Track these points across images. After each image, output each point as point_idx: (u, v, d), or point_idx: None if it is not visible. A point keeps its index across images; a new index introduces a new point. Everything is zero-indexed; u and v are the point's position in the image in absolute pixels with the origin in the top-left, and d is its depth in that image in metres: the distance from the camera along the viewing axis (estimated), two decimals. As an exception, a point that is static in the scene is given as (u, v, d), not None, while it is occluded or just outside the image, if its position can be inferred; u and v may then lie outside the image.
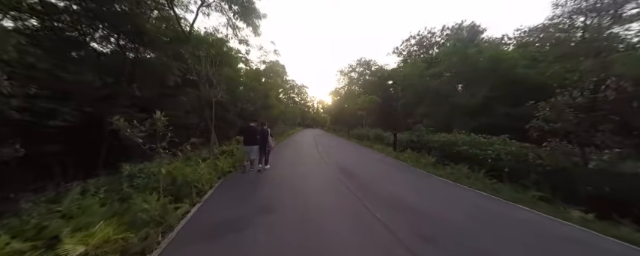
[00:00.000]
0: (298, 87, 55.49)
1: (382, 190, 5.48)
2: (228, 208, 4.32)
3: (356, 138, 23.54)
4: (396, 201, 4.76)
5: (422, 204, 4.62)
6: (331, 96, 54.73)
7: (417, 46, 22.83)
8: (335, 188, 5.69)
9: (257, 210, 4.13)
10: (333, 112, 50.48)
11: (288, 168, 8.18)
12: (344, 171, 7.42)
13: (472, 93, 12.54)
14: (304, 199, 4.82)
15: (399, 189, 5.71)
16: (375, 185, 5.94)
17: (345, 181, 6.22)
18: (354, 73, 42.62)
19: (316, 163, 9.11)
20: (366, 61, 41.16)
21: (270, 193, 5.23)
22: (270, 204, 4.44)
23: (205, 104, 11.98)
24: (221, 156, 8.93)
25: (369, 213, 4.05)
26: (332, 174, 7.14)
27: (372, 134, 18.49)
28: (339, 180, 6.34)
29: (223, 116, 15.73)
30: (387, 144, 14.53)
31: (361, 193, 5.17)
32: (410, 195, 5.23)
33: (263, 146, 7.43)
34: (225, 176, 6.95)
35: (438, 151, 9.11)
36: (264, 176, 6.97)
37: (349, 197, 4.94)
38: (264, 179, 6.66)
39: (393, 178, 7.01)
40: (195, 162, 6.71)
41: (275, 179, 6.61)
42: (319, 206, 4.45)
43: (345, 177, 6.66)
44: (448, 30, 21.34)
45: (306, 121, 77.19)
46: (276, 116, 33.11)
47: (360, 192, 5.22)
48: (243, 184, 6.18)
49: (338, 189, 5.62)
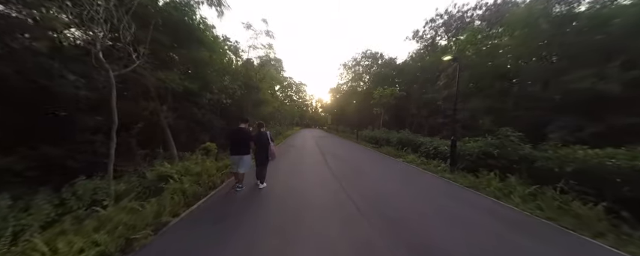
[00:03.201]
0: (296, 85, 51.33)
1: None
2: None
3: (368, 141, 18.98)
4: None
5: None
6: (331, 94, 50.21)
7: (444, 28, 18.37)
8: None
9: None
10: (335, 111, 45.93)
11: (286, 230, 3.53)
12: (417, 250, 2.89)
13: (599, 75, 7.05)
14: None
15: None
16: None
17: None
18: (358, 67, 38.15)
19: (342, 216, 4.43)
20: (372, 53, 36.72)
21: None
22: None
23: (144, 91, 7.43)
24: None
25: None
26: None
27: (395, 138, 13.93)
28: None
29: (189, 114, 11.08)
30: (425, 155, 9.98)
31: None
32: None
33: (264, 156, 5.35)
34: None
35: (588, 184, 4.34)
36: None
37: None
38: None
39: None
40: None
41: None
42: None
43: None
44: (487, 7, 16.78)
45: (304, 121, 73.03)
46: (271, 114, 28.49)
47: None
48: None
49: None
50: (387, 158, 11.19)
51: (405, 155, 11.39)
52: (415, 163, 9.29)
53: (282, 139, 22.39)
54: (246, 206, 4.40)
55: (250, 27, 17.61)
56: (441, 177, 7.05)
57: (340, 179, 6.55)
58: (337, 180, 6.47)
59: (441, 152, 9.10)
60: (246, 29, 17.97)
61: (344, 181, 6.29)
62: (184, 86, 8.54)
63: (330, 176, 7.00)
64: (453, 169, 7.31)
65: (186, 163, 6.69)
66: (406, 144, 12.55)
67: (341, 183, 6.14)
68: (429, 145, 9.97)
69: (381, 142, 15.50)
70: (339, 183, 6.08)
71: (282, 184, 6.00)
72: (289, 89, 47.58)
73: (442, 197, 5.24)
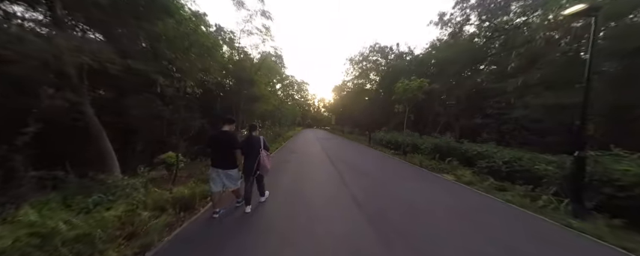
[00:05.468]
0: (298, 84, 48.32)
1: None
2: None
3: (384, 146, 15.70)
4: None
5: None
6: (335, 93, 46.95)
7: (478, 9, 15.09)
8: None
9: None
10: (341, 110, 42.75)
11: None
12: None
13: None
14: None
15: None
16: None
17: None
18: (366, 62, 34.86)
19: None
20: (381, 46, 33.43)
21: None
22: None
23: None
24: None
25: None
26: None
27: (428, 144, 10.64)
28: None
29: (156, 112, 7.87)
30: (491, 172, 6.72)
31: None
32: None
33: (253, 167, 3.98)
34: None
35: None
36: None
37: None
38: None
39: None
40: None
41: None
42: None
43: None
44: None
45: (306, 121, 70.10)
46: (271, 113, 25.29)
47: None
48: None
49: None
50: (425, 173, 7.92)
51: (449, 168, 8.14)
52: (479, 186, 6.01)
53: (282, 142, 19.18)
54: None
55: (243, 5, 14.44)
56: (563, 228, 3.79)
57: (376, 220, 3.39)
58: (371, 223, 3.29)
59: (524, 171, 5.84)
60: (238, 9, 14.83)
61: (384, 226, 3.11)
62: (127, 66, 5.39)
63: (357, 211, 3.80)
64: (578, 210, 4.06)
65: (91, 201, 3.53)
66: (446, 152, 9.28)
67: (382, 232, 2.95)
68: (497, 158, 6.69)
69: (406, 148, 12.23)
70: (378, 234, 2.89)
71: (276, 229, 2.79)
72: (291, 88, 44.68)
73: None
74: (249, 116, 17.56)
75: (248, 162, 4.02)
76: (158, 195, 4.30)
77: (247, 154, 4.04)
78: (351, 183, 6.03)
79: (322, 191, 5.41)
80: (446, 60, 15.96)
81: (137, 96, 7.01)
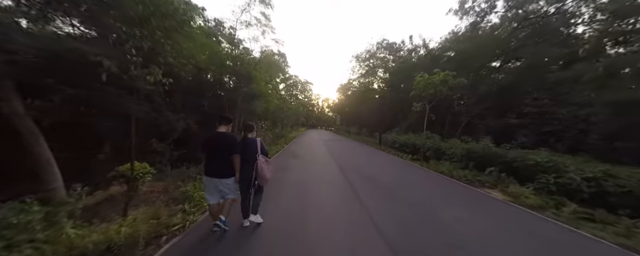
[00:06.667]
0: (302, 84, 46.81)
1: None
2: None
3: (397, 149, 13.88)
4: None
5: None
6: (341, 92, 45.22)
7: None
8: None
9: None
10: (347, 110, 41.05)
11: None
12: None
13: None
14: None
15: None
16: None
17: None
18: (373, 60, 33.05)
19: None
20: (389, 43, 31.61)
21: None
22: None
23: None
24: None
25: None
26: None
27: (457, 149, 8.83)
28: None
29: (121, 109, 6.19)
30: (566, 192, 4.94)
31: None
32: None
33: (250, 177, 3.28)
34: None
35: None
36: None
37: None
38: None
39: None
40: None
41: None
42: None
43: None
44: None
45: (310, 121, 68.60)
46: (273, 113, 23.58)
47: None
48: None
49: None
50: (464, 189, 6.15)
51: (491, 181, 6.37)
52: (555, 214, 4.24)
53: (284, 144, 17.54)
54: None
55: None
56: None
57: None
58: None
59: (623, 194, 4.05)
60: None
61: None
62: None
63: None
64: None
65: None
66: (483, 160, 7.48)
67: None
68: (573, 172, 4.87)
69: (426, 153, 10.45)
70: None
71: None
72: (294, 88, 43.16)
73: None
74: (248, 115, 15.96)
75: (245, 170, 3.25)
76: (69, 242, 2.64)
77: (243, 160, 3.26)
78: (373, 208, 4.30)
79: (335, 224, 3.68)
80: (466, 53, 14.15)
81: (90, 88, 5.38)
